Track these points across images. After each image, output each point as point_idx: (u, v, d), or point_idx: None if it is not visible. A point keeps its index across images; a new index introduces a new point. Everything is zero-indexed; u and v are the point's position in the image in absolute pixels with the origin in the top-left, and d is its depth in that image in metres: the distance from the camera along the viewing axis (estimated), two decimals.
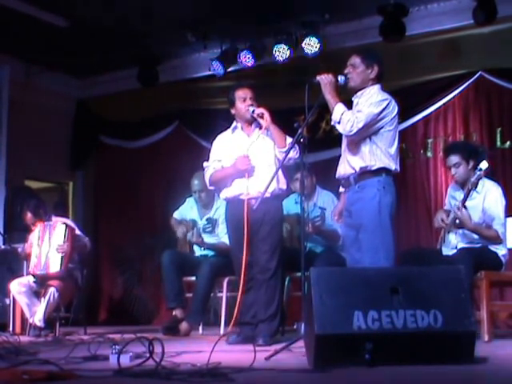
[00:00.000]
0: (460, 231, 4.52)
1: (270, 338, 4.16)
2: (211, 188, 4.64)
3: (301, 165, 4.04)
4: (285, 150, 4.20)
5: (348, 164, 3.94)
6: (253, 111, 4.35)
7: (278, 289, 4.32)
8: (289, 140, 4.25)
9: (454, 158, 4.60)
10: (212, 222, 5.62)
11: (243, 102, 4.40)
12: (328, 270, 3.23)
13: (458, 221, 4.43)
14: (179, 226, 5.75)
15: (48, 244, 5.56)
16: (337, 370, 2.72)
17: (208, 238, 5.62)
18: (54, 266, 5.48)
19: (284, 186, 4.42)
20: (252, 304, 4.34)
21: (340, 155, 4.10)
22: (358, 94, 4.01)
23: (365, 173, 3.87)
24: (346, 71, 3.99)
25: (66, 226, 5.62)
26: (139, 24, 6.74)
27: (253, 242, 4.28)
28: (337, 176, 4.08)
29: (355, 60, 3.99)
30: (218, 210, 5.50)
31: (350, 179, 3.94)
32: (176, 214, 5.90)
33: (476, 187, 4.34)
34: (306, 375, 2.76)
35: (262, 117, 4.31)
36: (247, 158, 4.32)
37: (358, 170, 3.89)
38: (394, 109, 3.93)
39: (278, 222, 4.42)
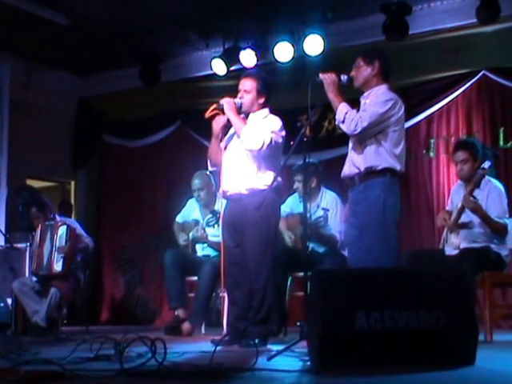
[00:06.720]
0: (462, 231, 4.52)
1: (260, 340, 3.93)
2: (213, 169, 4.50)
3: (303, 166, 4.01)
4: (240, 140, 4.15)
5: (353, 164, 3.93)
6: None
7: (267, 293, 4.09)
8: (252, 133, 4.12)
9: (462, 154, 4.61)
10: (216, 215, 5.59)
11: (239, 92, 4.33)
12: (331, 271, 3.22)
13: (466, 211, 4.42)
14: (181, 234, 5.75)
15: (50, 244, 5.60)
16: (339, 370, 2.71)
17: (212, 233, 5.58)
18: (56, 266, 5.52)
19: (268, 183, 4.12)
20: (238, 304, 4.27)
21: (346, 154, 4.08)
22: (365, 94, 3.99)
23: (370, 173, 3.85)
24: (351, 74, 3.98)
25: (67, 227, 5.64)
26: (141, 22, 6.72)
27: (240, 241, 4.22)
28: (342, 175, 4.06)
29: (358, 61, 3.99)
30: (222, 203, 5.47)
31: (354, 179, 3.93)
32: (178, 218, 5.89)
33: (479, 186, 4.33)
34: (309, 376, 2.75)
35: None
36: (220, 119, 4.24)
37: (362, 169, 3.87)
38: (400, 109, 3.90)
39: (262, 221, 4.11)
